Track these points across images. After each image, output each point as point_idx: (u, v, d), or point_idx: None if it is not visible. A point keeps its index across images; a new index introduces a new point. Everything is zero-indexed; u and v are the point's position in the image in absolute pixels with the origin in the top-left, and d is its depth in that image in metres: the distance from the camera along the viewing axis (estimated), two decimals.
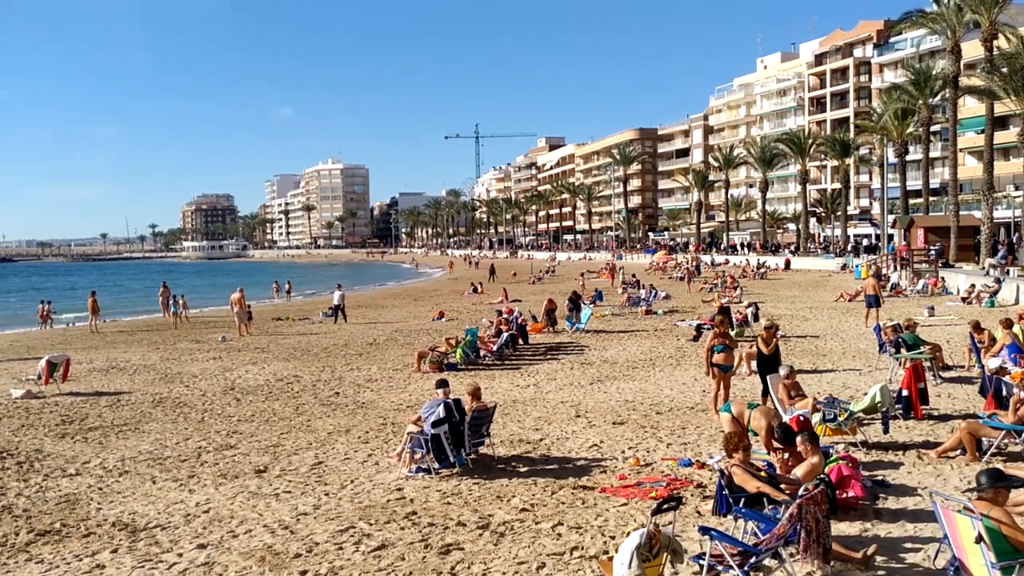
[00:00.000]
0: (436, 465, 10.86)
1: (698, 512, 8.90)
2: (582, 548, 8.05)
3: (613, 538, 8.19)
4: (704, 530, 6.92)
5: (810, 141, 76.79)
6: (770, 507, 7.79)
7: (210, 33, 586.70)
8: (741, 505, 7.86)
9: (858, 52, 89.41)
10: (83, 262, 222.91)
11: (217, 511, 9.63)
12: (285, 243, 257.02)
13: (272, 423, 14.69)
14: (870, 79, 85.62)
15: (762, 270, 57.89)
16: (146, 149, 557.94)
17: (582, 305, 28.49)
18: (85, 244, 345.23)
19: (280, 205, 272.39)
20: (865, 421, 11.91)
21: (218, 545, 8.48)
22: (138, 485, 10.89)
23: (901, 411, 12.87)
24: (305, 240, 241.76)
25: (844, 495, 8.85)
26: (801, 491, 7.56)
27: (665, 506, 6.99)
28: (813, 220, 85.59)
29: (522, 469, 11.06)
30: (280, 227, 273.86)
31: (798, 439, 8.99)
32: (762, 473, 8.27)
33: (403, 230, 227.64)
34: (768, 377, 13.02)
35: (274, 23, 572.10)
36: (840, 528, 8.08)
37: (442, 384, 11.77)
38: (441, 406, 10.95)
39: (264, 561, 7.97)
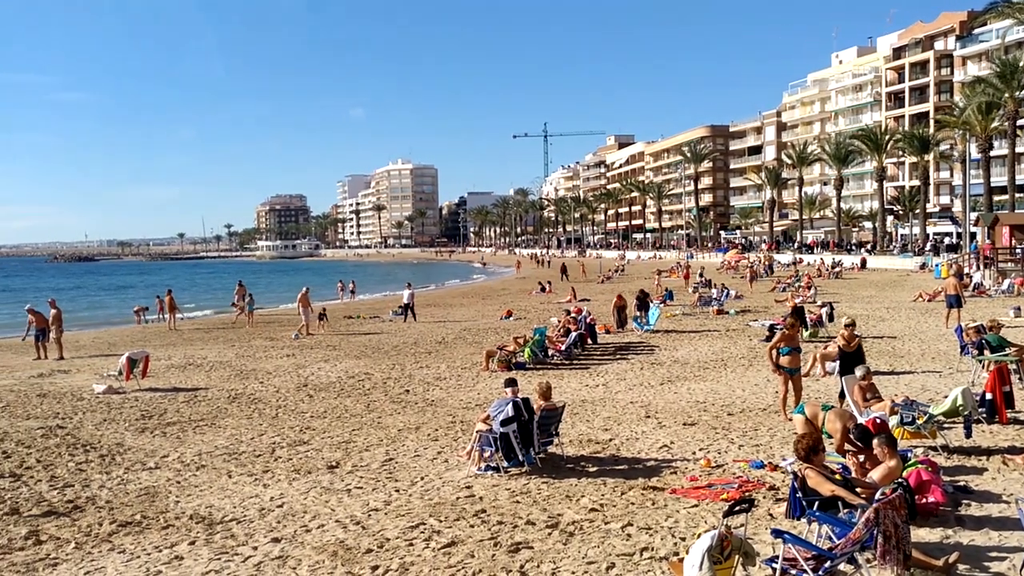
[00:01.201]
0: (505, 464, 10.89)
1: (770, 515, 8.76)
2: (652, 549, 7.98)
3: (683, 539, 8.11)
4: (777, 533, 6.80)
5: (887, 137, 74.80)
6: (845, 511, 7.61)
7: (284, 37, 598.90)
8: (815, 508, 7.70)
9: (939, 45, 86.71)
10: (161, 261, 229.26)
11: (291, 505, 9.81)
12: (356, 242, 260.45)
13: (344, 419, 14.91)
14: (952, 72, 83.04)
15: (837, 269, 56.67)
16: (222, 151, 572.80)
17: (650, 304, 28.25)
18: (163, 243, 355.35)
19: (351, 205, 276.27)
20: (946, 425, 11.55)
21: (291, 539, 8.64)
22: (214, 479, 11.16)
23: (985, 415, 12.45)
24: (375, 239, 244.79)
25: (924, 500, 8.60)
26: (878, 495, 7.37)
27: (737, 508, 6.89)
28: (890, 218, 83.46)
29: (591, 469, 11.02)
30: (351, 227, 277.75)
31: (875, 442, 8.77)
32: (837, 476, 8.09)
33: (471, 229, 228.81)
34: (844, 378, 12.75)
35: (347, 26, 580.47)
36: (920, 535, 7.86)
37: (511, 383, 11.79)
38: (510, 405, 10.97)
39: (336, 556, 8.09)
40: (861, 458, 8.90)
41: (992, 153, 59.28)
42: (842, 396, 12.84)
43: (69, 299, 59.53)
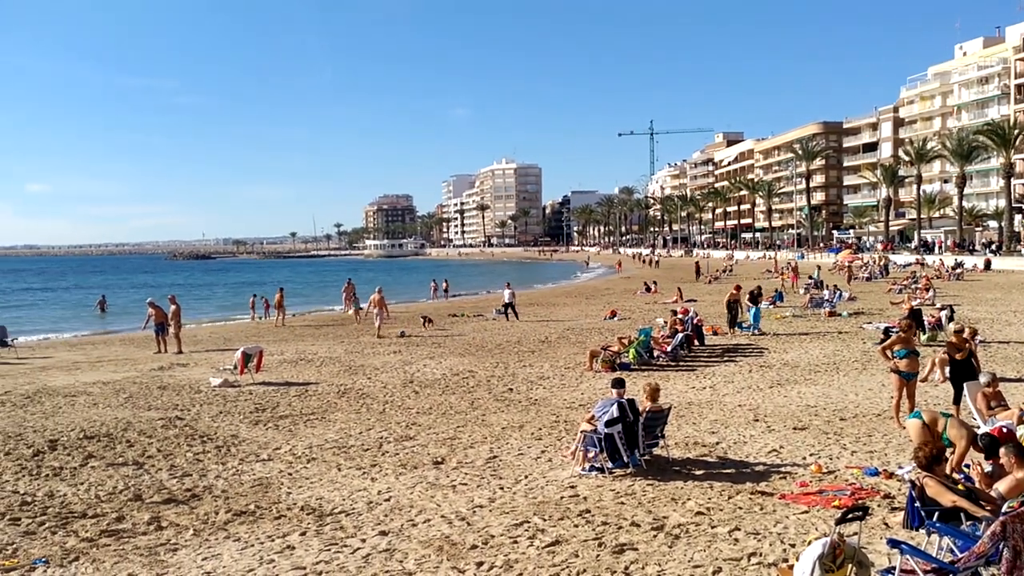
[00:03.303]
0: (610, 464, 10.81)
1: (885, 524, 8.44)
2: (760, 554, 7.79)
3: (793, 546, 7.89)
4: (894, 543, 6.53)
5: (1016, 132, 71.08)
6: (968, 523, 7.26)
7: (390, 39, 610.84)
8: (935, 520, 7.37)
9: None
10: (274, 259, 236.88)
11: (397, 500, 9.98)
12: (460, 242, 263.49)
13: (449, 416, 15.08)
14: None
15: (958, 270, 54.22)
16: (332, 151, 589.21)
17: (758, 303, 27.56)
18: (276, 242, 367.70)
19: (456, 205, 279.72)
20: None
21: (398, 533, 8.78)
22: (324, 472, 11.44)
23: None
24: (479, 239, 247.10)
25: None
26: (1005, 507, 7.00)
27: (850, 515, 6.65)
28: (1018, 217, 79.25)
29: (697, 472, 10.84)
30: (455, 226, 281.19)
31: (1001, 451, 8.32)
32: (959, 486, 7.72)
33: (575, 228, 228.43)
34: (966, 384, 12.18)
35: (451, 28, 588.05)
36: None
37: (618, 383, 11.69)
38: (615, 405, 10.88)
39: (442, 551, 8.18)
40: (987, 468, 8.47)
41: None
42: (956, 403, 12.27)
43: (188, 295, 62.19)
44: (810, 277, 46.37)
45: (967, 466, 9.32)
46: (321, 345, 27.39)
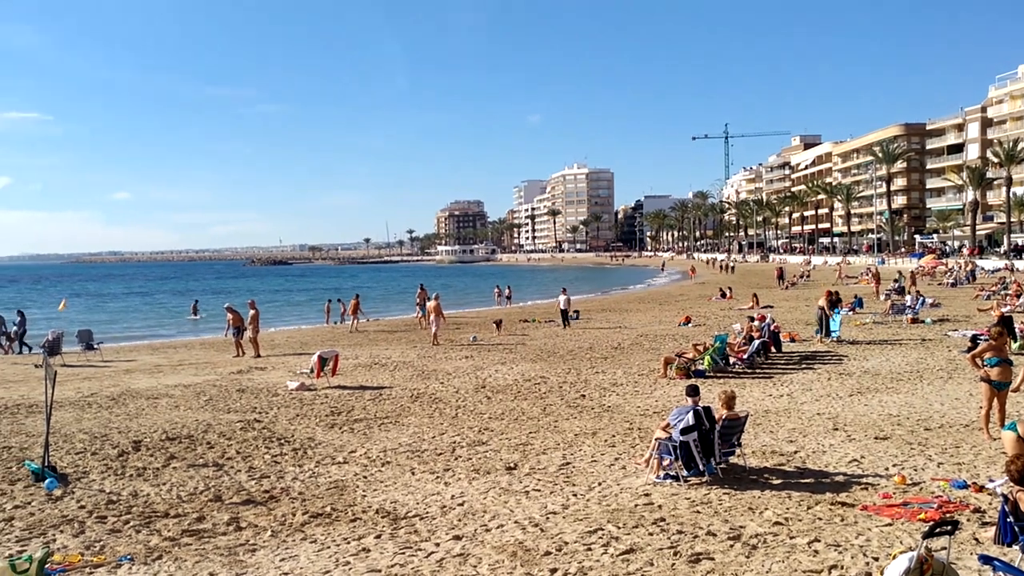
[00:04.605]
0: (685, 472, 10.65)
1: (975, 539, 8.11)
2: (841, 567, 7.56)
3: (876, 559, 7.64)
4: (985, 559, 6.28)
5: None
6: None
7: (463, 47, 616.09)
8: None
9: None
10: (348, 265, 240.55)
11: (471, 504, 9.99)
12: (531, 247, 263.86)
13: (521, 422, 15.06)
14: None
15: None
16: (405, 158, 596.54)
17: (839, 309, 26.90)
18: (350, 248, 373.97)
19: (527, 210, 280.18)
20: None
21: (472, 537, 8.78)
22: (398, 475, 11.52)
23: None
24: (550, 244, 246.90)
25: None
26: None
27: (939, 529, 6.41)
28: None
29: (775, 481, 10.60)
30: (526, 231, 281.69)
31: None
32: None
33: (647, 233, 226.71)
34: None
35: (524, 35, 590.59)
36: None
37: (693, 391, 11.52)
38: (691, 413, 10.72)
39: (516, 556, 8.15)
40: None
41: None
42: None
43: (266, 300, 63.55)
44: (895, 281, 45.14)
45: None
46: (394, 350, 27.67)
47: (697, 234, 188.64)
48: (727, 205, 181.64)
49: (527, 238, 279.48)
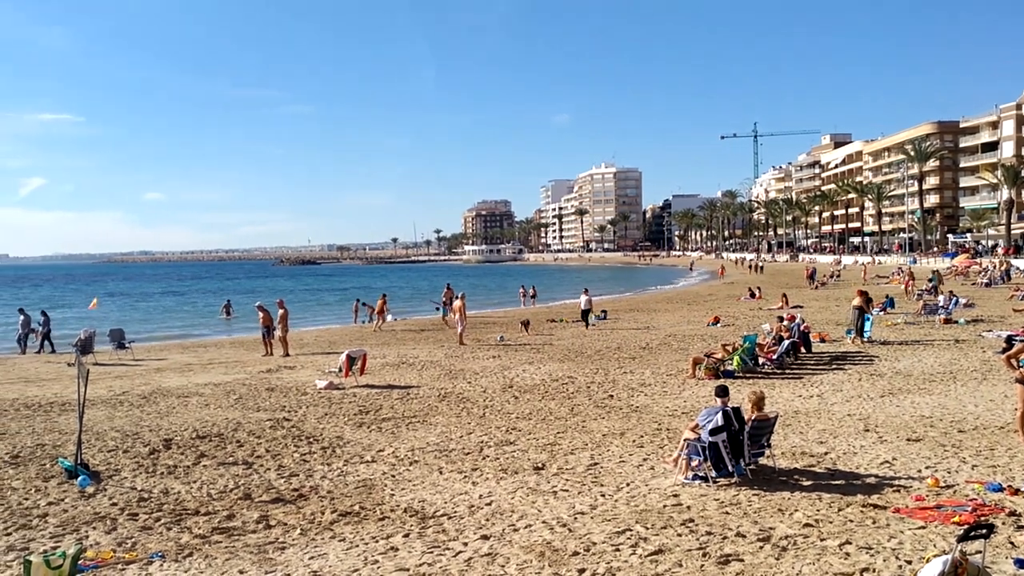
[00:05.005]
0: (713, 473, 10.58)
1: (1011, 543, 7.98)
2: (873, 570, 7.47)
3: (909, 563, 7.54)
4: (1021, 563, 6.19)
5: None
6: None
7: (490, 47, 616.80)
8: None
9: None
10: (376, 264, 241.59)
11: (498, 504, 9.98)
12: (558, 247, 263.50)
13: (548, 422, 15.04)
14: None
15: None
16: (432, 159, 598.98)
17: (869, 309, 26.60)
18: (378, 248, 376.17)
19: (554, 210, 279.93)
20: None
21: (500, 537, 8.77)
22: (426, 475, 11.54)
23: None
24: (577, 244, 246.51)
25: None
26: None
27: (974, 533, 6.33)
28: None
29: (805, 483, 10.50)
30: (553, 231, 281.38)
31: None
32: None
33: (676, 233, 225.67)
34: None
35: (551, 35, 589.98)
36: None
37: (722, 391, 11.43)
38: (720, 414, 10.64)
39: (544, 556, 8.13)
40: None
41: None
42: None
43: (295, 300, 63.97)
44: (929, 280, 44.55)
45: None
46: (422, 349, 27.74)
47: (726, 233, 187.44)
48: (756, 204, 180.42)
49: (554, 238, 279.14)
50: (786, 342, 21.08)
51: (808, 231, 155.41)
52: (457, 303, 30.15)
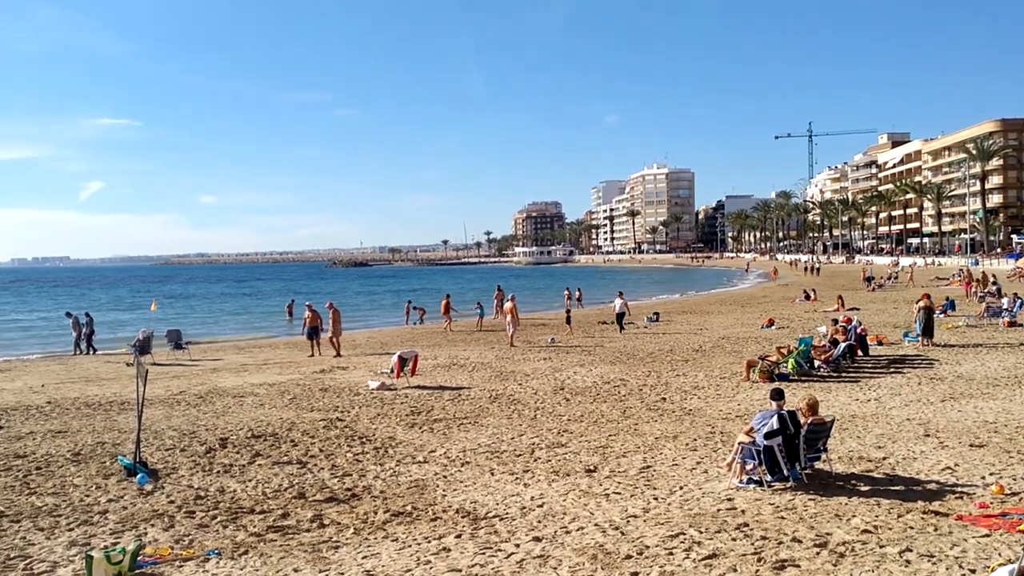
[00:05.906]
0: (768, 478, 10.42)
1: None
2: None
3: (973, 572, 7.34)
4: None
5: None
6: None
7: (541, 48, 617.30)
8: None
9: None
10: (427, 266, 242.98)
11: (550, 506, 9.94)
12: (609, 248, 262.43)
13: (600, 424, 14.96)
14: None
15: None
16: (482, 160, 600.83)
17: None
18: (428, 250, 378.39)
19: (605, 211, 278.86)
20: None
21: (552, 539, 8.74)
22: (478, 476, 11.55)
23: None
24: (628, 245, 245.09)
25: None
26: None
27: None
28: None
29: (863, 488, 10.29)
30: (604, 232, 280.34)
31: None
32: None
33: (729, 234, 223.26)
34: None
35: (601, 35, 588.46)
36: None
37: (777, 395, 11.26)
38: (775, 417, 10.48)
39: (596, 559, 8.08)
40: None
41: None
42: None
43: (348, 301, 64.50)
44: (993, 282, 43.43)
45: None
46: (472, 350, 27.81)
47: (780, 235, 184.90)
48: (811, 205, 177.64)
49: (605, 239, 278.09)
50: (842, 345, 20.72)
51: (864, 232, 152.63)
52: (508, 305, 30.04)
